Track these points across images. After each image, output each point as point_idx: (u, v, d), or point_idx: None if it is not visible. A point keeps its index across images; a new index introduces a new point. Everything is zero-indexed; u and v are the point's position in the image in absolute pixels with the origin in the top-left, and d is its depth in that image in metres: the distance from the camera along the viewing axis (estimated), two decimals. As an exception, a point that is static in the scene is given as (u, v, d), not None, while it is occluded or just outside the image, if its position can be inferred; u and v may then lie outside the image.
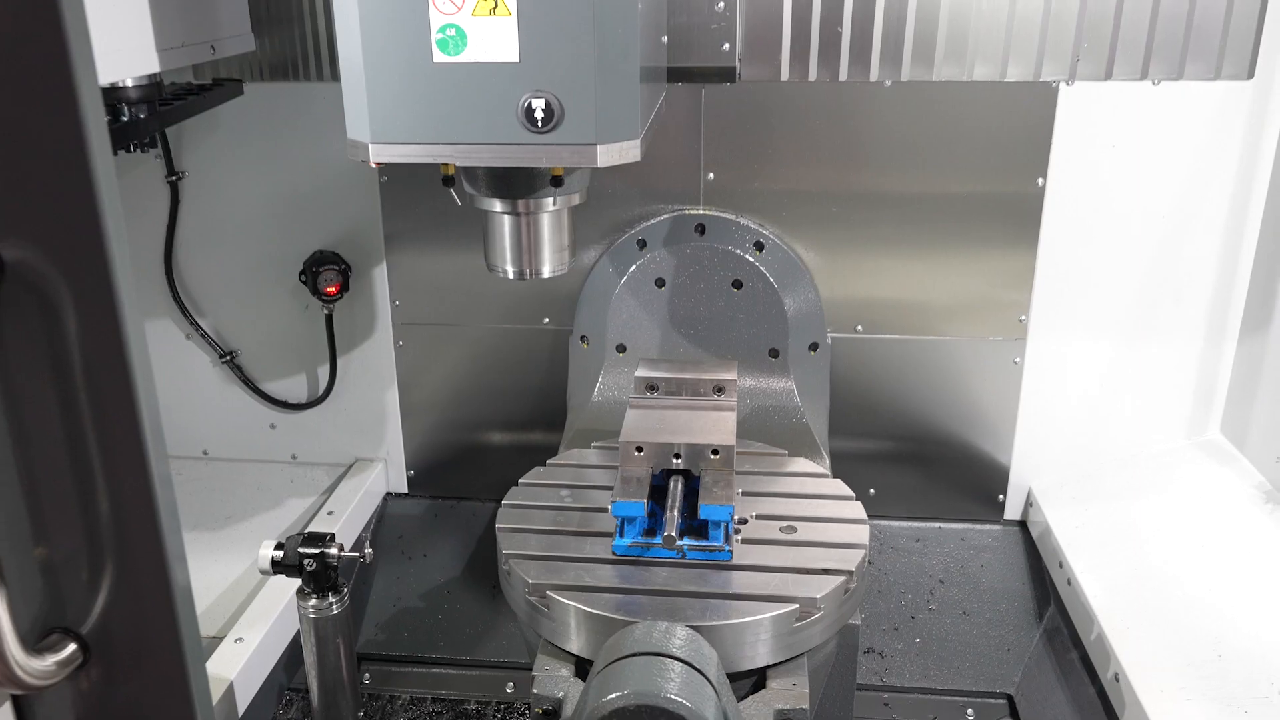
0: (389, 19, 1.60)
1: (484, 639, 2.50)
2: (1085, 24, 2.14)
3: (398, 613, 2.53)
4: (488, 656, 2.47)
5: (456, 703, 2.45)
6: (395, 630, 2.50)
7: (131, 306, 1.08)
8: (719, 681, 1.50)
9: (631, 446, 1.87)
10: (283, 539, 1.85)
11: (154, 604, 1.19)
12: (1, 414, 1.09)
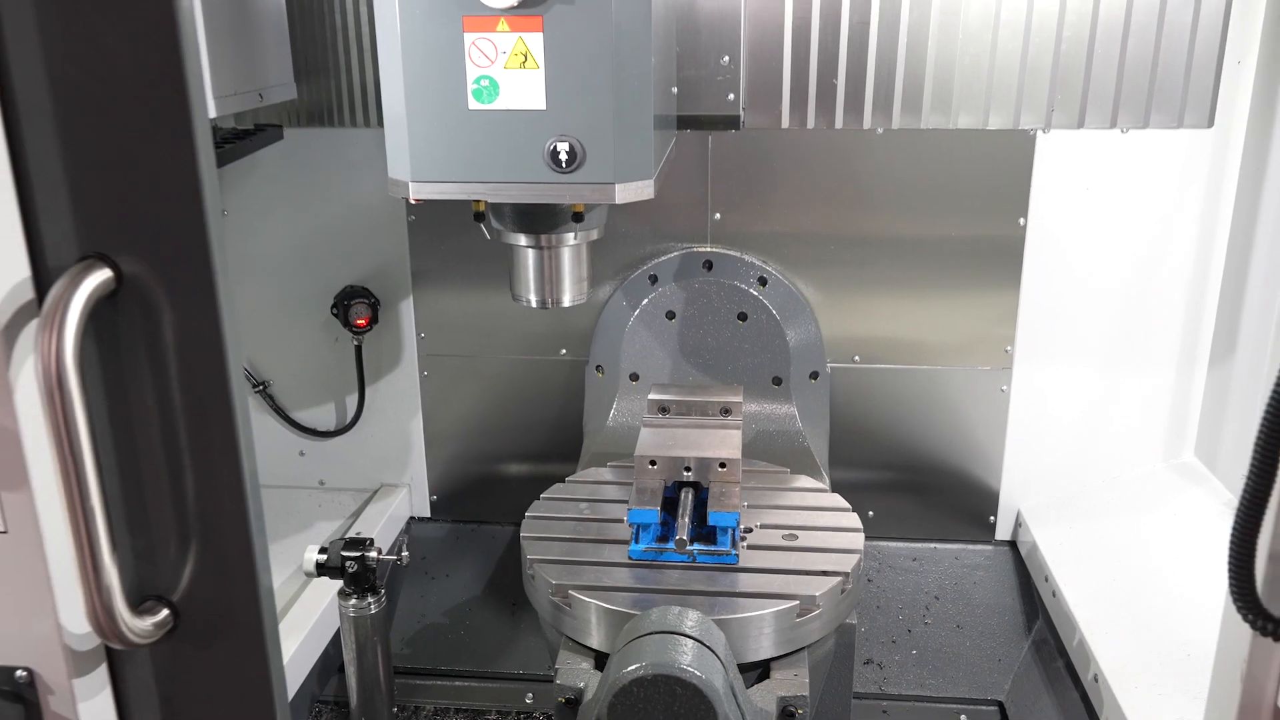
0: (430, 71, 1.82)
1: (504, 653, 2.69)
2: (1059, 77, 2.38)
3: (422, 629, 2.72)
4: (508, 669, 2.66)
5: (479, 713, 2.64)
6: (420, 645, 2.69)
7: (229, 316, 1.30)
8: (726, 659, 1.70)
9: (646, 460, 2.08)
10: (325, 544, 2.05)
11: (238, 576, 1.39)
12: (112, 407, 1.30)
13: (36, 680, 1.37)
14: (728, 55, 2.42)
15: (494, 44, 1.80)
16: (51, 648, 1.36)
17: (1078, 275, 2.59)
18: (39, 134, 1.21)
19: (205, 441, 1.33)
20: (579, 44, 1.77)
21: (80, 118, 1.21)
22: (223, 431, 1.32)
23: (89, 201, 1.23)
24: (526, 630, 2.70)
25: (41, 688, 1.38)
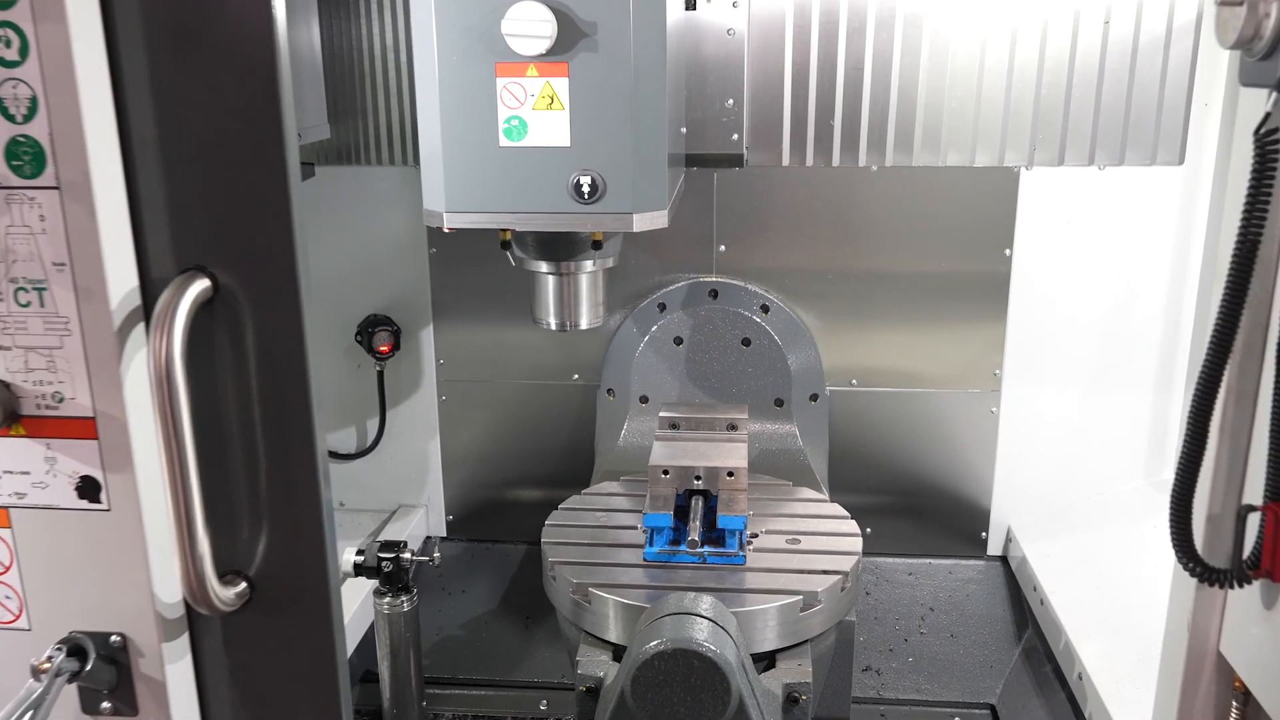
0: (464, 111, 2.07)
1: (518, 663, 2.90)
2: (1040, 118, 2.63)
3: (440, 641, 2.93)
4: (522, 678, 2.87)
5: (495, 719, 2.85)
6: (440, 656, 2.90)
7: (310, 323, 1.54)
8: (738, 639, 1.92)
9: (659, 470, 2.31)
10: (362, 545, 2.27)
11: (310, 554, 1.62)
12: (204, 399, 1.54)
13: (129, 645, 1.59)
14: (732, 98, 2.68)
15: (523, 87, 2.05)
16: (144, 615, 1.58)
17: (1061, 303, 2.84)
18: (149, 161, 1.46)
19: (284, 433, 1.56)
20: (601, 88, 2.02)
21: (186, 148, 1.45)
22: (301, 424, 1.56)
23: (191, 220, 1.47)
24: (540, 641, 2.92)
25: (133, 651, 1.60)
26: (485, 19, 1.98)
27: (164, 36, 1.41)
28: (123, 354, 1.48)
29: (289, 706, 1.69)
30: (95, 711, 1.63)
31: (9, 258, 1.43)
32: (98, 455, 1.51)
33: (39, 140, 1.39)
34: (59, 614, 1.60)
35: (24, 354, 1.47)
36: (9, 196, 1.41)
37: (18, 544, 1.56)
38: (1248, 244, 1.26)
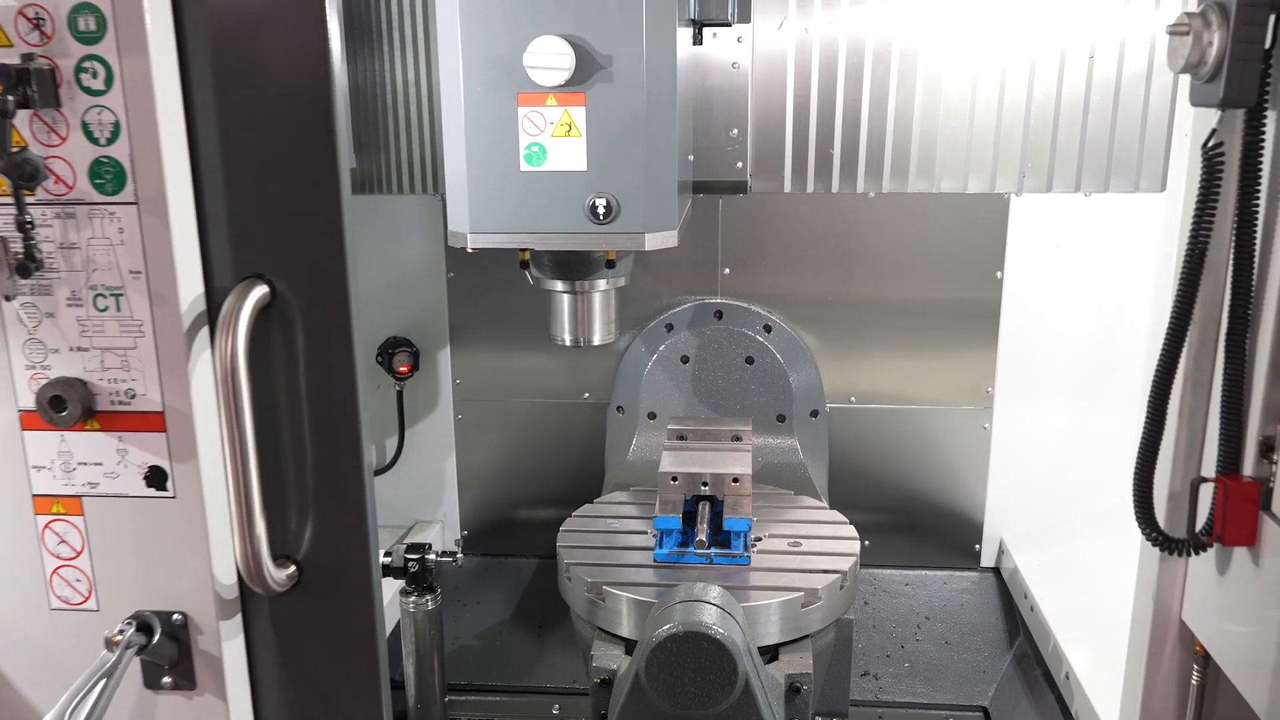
0: (487, 138, 2.25)
1: (531, 670, 3.07)
2: (1028, 146, 2.82)
3: (456, 650, 3.09)
4: (535, 683, 3.04)
5: (509, 724, 3.03)
6: (456, 664, 3.06)
7: (358, 329, 1.73)
8: (744, 625, 2.09)
9: (668, 477, 2.49)
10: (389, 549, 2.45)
11: (353, 542, 1.81)
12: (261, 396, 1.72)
13: (189, 623, 1.78)
14: (736, 128, 2.87)
15: (543, 116, 2.24)
16: (203, 596, 1.77)
17: (1050, 323, 3.03)
18: (215, 179, 1.66)
19: (333, 428, 1.75)
20: (616, 116, 2.20)
21: (248, 168, 1.65)
22: (348, 421, 1.75)
23: (252, 233, 1.67)
24: (551, 649, 3.08)
25: (193, 629, 1.78)
26: (508, 52, 2.16)
27: (231, 69, 1.61)
28: (190, 354, 1.67)
29: (332, 681, 1.87)
30: (157, 686, 1.81)
31: (90, 267, 1.62)
32: (165, 447, 1.70)
33: (120, 161, 1.59)
34: (125, 595, 1.78)
35: (100, 354, 1.66)
36: (91, 211, 1.60)
37: (89, 530, 1.75)
38: (1197, 247, 1.45)
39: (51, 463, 1.72)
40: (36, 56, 1.54)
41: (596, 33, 2.14)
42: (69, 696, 1.62)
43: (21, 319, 1.66)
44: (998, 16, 2.62)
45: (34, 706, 1.85)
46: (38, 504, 1.75)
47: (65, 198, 1.59)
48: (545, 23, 2.13)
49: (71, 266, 1.62)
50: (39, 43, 1.54)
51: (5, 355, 1.68)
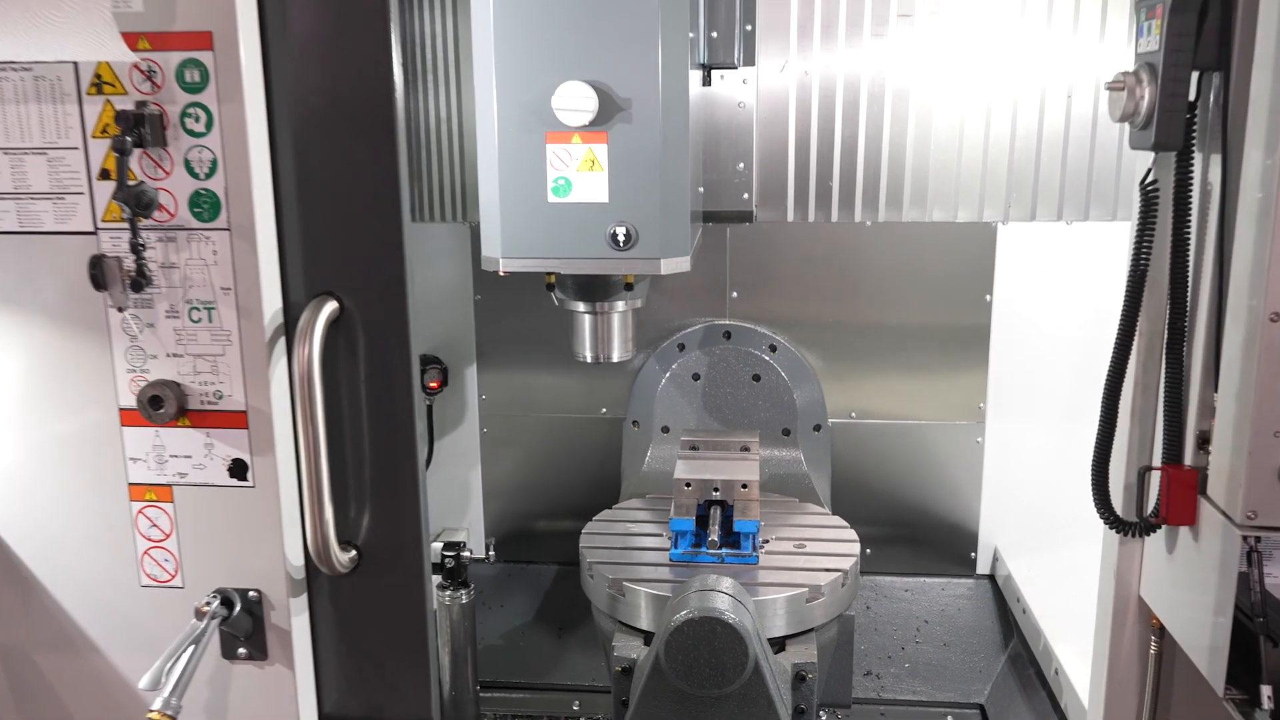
0: (519, 172, 2.52)
1: (552, 669, 3.34)
2: (1013, 178, 3.10)
3: (482, 649, 3.35)
4: (556, 681, 3.31)
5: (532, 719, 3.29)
6: (481, 663, 3.30)
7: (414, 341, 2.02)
8: (753, 613, 2.37)
9: (682, 483, 2.77)
10: (426, 547, 2.74)
11: (407, 529, 2.10)
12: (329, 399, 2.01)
13: (263, 599, 2.07)
14: (742, 162, 3.16)
15: (569, 152, 2.53)
16: (276, 575, 2.06)
17: (1037, 342, 3.31)
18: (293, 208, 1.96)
19: (390, 428, 2.05)
20: (634, 153, 2.49)
21: (322, 199, 1.95)
22: (404, 421, 2.05)
23: (324, 255, 1.97)
24: (571, 649, 3.36)
25: (266, 605, 2.07)
26: (538, 96, 2.45)
27: (309, 114, 1.92)
28: (270, 360, 1.97)
29: (386, 654, 2.15)
30: (233, 656, 2.09)
31: (186, 284, 1.92)
32: (247, 442, 1.99)
33: (216, 193, 1.89)
34: (207, 574, 2.07)
35: (193, 360, 1.96)
36: (190, 236, 1.91)
37: (178, 516, 2.04)
38: (1138, 270, 1.75)
39: (146, 455, 2.01)
40: (149, 103, 1.84)
41: (617, 78, 2.41)
42: (165, 658, 1.90)
43: (125, 329, 1.96)
44: (983, 59, 2.89)
45: (121, 673, 2.13)
46: (133, 491, 2.04)
47: (168, 224, 1.90)
48: (571, 69, 2.40)
49: (171, 283, 1.92)
50: (150, 91, 1.85)
51: (109, 360, 1.97)
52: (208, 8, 1.83)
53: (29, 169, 1.91)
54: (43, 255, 1.95)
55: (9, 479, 2.09)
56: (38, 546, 2.12)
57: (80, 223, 1.92)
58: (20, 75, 1.87)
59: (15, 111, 1.89)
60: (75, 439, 2.04)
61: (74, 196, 1.91)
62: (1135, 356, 1.84)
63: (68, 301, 1.97)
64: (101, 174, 1.89)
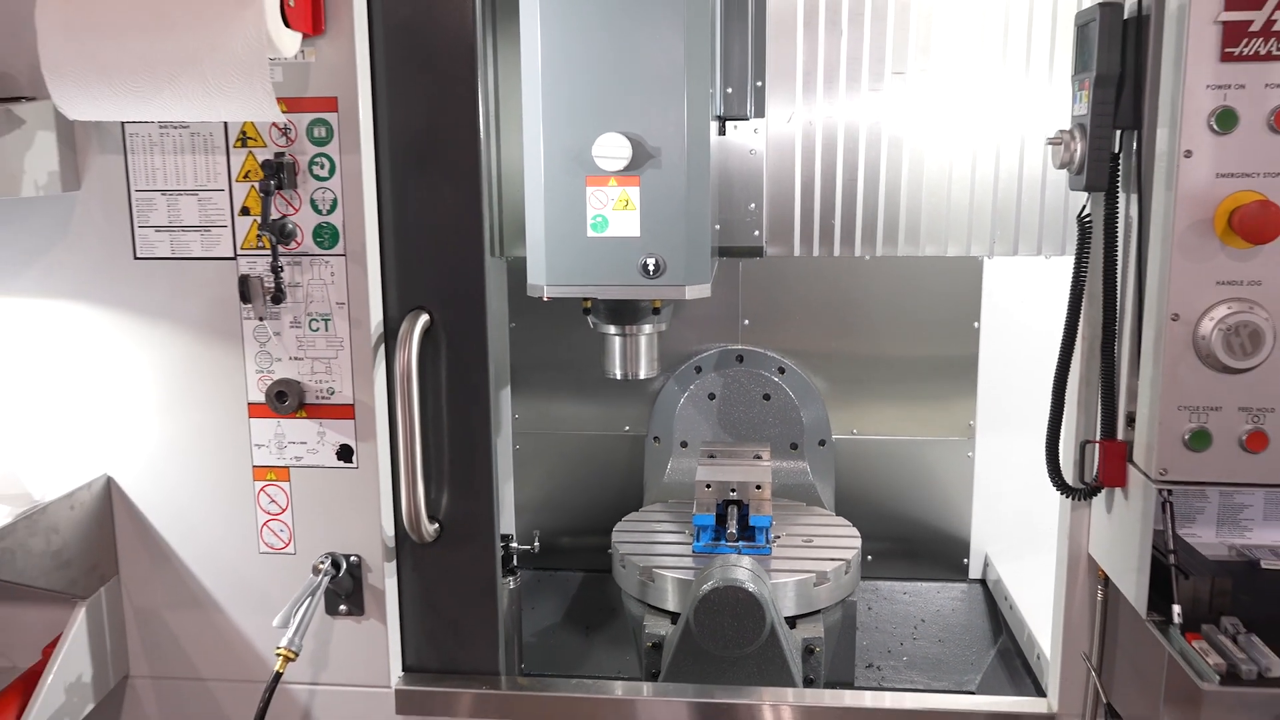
0: (562, 210, 3.04)
1: (581, 661, 3.89)
2: (997, 216, 3.62)
3: (514, 648, 3.93)
4: (586, 672, 3.86)
5: (562, 709, 3.84)
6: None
7: (491, 346, 2.62)
8: (768, 586, 2.96)
9: (704, 484, 3.36)
10: (477, 541, 3.32)
11: (481, 506, 2.68)
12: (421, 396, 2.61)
13: (362, 563, 2.65)
14: (754, 203, 3.68)
15: (606, 194, 3.10)
16: (373, 543, 2.64)
17: (1021, 364, 3.88)
18: (393, 238, 2.56)
19: (468, 422, 2.64)
20: (662, 194, 3.02)
21: (417, 229, 2.56)
22: (480, 418, 2.64)
23: (418, 277, 2.57)
24: (597, 646, 3.91)
25: (364, 568, 2.65)
26: (580, 144, 2.99)
27: (408, 160, 2.53)
28: (374, 363, 2.56)
29: (460, 615, 2.74)
30: (335, 612, 2.67)
31: (308, 300, 2.52)
32: (353, 430, 2.58)
33: (335, 225, 2.49)
34: (315, 542, 2.65)
35: (311, 362, 2.55)
36: (313, 260, 2.51)
37: (293, 493, 2.63)
38: (1077, 286, 2.36)
39: (269, 441, 2.60)
40: (285, 154, 2.45)
41: (648, 130, 2.91)
42: (290, 606, 2.48)
43: (257, 336, 2.55)
44: (968, 109, 3.32)
45: (240, 630, 2.71)
46: (256, 472, 2.63)
47: (296, 251, 2.50)
48: (609, 122, 2.90)
49: (295, 299, 2.52)
50: (285, 144, 2.46)
51: (241, 362, 2.57)
52: (334, 78, 2.44)
53: (182, 207, 2.52)
54: (191, 277, 2.56)
55: (151, 463, 2.68)
56: (172, 520, 2.71)
57: (223, 250, 2.53)
58: (179, 132, 2.49)
59: (174, 161, 2.50)
60: (209, 428, 2.64)
61: (218, 229, 2.52)
62: (1078, 355, 2.44)
63: (209, 315, 2.57)
64: (242, 210, 2.50)
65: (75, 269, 2.61)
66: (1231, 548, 2.44)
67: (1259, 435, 2.11)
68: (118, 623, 2.75)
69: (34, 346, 2.66)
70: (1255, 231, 2.02)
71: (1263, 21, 1.98)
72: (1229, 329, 2.06)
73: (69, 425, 2.69)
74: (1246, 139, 2.03)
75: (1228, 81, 2.03)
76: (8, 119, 2.36)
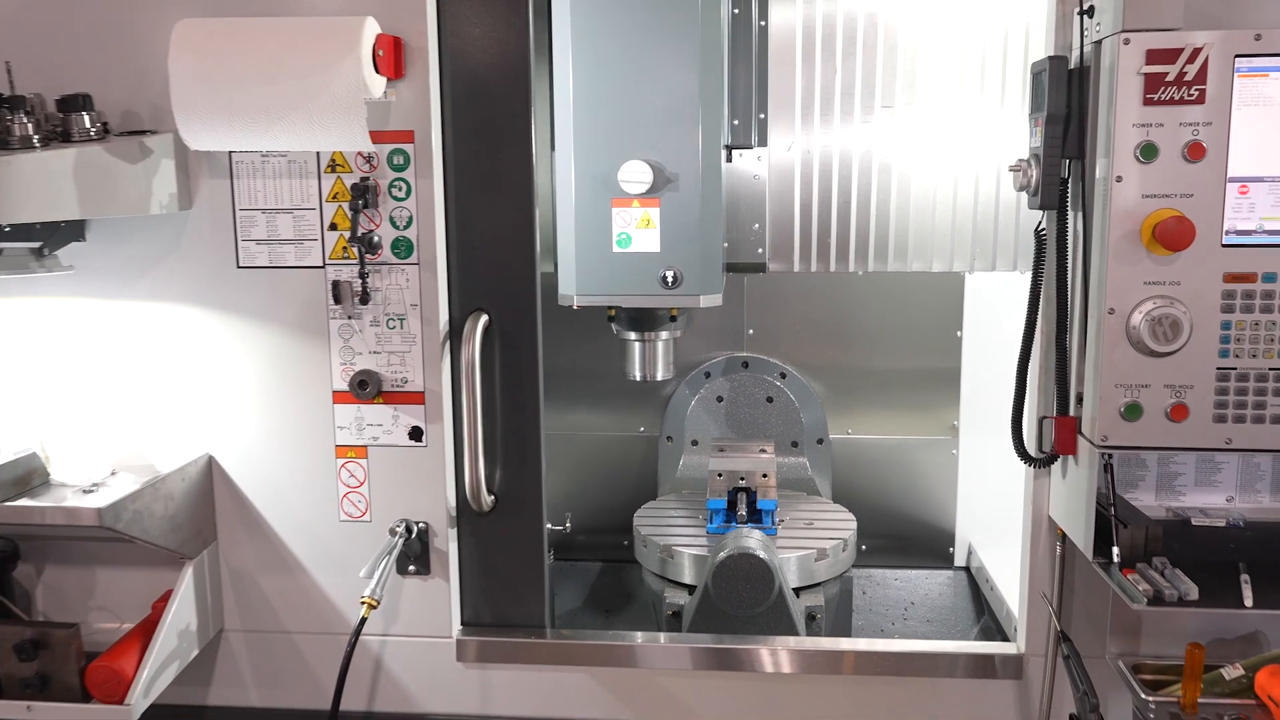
0: (590, 227, 3.54)
1: (601, 644, 4.48)
2: (976, 236, 4.09)
3: (539, 631, 4.50)
4: (605, 652, 4.45)
5: (584, 685, 4.41)
6: (538, 642, 4.47)
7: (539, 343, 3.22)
8: (776, 555, 3.55)
9: (716, 474, 3.94)
10: (514, 524, 3.91)
11: (530, 483, 3.28)
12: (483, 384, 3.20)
13: (429, 529, 3.24)
14: (757, 223, 4.11)
15: (630, 214, 3.61)
16: (439, 511, 3.23)
17: (1000, 370, 4.42)
18: (458, 249, 3.16)
19: (521, 409, 3.23)
20: (679, 215, 3.49)
21: (478, 242, 3.16)
22: (531, 405, 3.23)
23: (479, 282, 3.17)
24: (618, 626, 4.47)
25: (431, 534, 3.23)
26: (606, 170, 3.46)
27: (472, 182, 3.13)
28: (442, 357, 3.17)
29: (512, 576, 3.32)
30: (405, 572, 3.26)
31: (386, 302, 3.12)
32: (423, 414, 3.18)
33: (410, 239, 3.09)
34: (389, 511, 3.24)
35: (388, 356, 3.15)
36: (391, 268, 3.10)
37: (370, 469, 3.22)
38: (1035, 289, 2.97)
39: (350, 424, 3.19)
40: (369, 179, 3.06)
41: (667, 158, 3.37)
42: (373, 562, 3.07)
43: (340, 334, 3.15)
44: (950, 138, 3.62)
45: (322, 588, 3.29)
46: (338, 451, 3.22)
47: (377, 260, 3.10)
48: (633, 151, 3.34)
49: (375, 302, 3.12)
50: (368, 170, 3.06)
51: (327, 356, 3.16)
52: (411, 115, 3.05)
53: (279, 223, 3.12)
54: (285, 283, 3.16)
55: (247, 443, 3.27)
56: (264, 493, 3.30)
57: (313, 260, 3.13)
58: (279, 159, 3.09)
59: (273, 184, 3.10)
60: (299, 413, 3.23)
61: (310, 242, 3.12)
62: (1037, 346, 3.06)
63: (301, 316, 3.16)
64: (330, 226, 3.11)
65: (186, 277, 3.22)
66: (1169, 509, 3.04)
67: (1181, 407, 2.71)
68: (216, 582, 3.33)
69: (151, 343, 3.26)
70: (1173, 241, 2.63)
71: (1175, 74, 2.61)
72: (1154, 320, 2.67)
73: (180, 410, 3.29)
74: (1165, 167, 2.65)
75: (1150, 121, 2.64)
76: (141, 149, 2.96)
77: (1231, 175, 2.66)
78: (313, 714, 3.41)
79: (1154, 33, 2.62)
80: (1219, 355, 2.71)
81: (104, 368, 3.27)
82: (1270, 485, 3.03)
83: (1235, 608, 2.66)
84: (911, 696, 3.38)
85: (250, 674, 3.44)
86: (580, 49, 3.23)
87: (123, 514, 2.89)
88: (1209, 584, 2.72)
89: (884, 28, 3.53)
